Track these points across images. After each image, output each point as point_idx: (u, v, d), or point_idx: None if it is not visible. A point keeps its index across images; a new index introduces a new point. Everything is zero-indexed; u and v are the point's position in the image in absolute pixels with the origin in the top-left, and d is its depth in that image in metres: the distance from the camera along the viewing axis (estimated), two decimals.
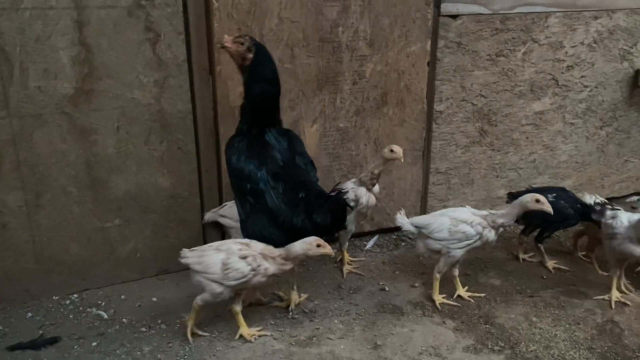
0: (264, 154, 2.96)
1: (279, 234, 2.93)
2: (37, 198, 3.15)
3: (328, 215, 2.91)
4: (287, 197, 2.92)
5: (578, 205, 3.57)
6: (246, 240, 2.92)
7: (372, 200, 3.44)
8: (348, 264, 3.68)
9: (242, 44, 2.93)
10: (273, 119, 3.08)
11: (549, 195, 3.36)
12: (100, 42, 3.06)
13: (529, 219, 3.70)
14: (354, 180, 3.46)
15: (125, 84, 3.16)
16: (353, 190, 3.37)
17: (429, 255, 3.33)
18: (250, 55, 2.95)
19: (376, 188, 3.49)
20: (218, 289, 2.82)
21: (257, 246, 2.87)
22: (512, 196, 3.71)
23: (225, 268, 2.79)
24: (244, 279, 2.80)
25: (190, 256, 2.88)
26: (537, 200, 3.11)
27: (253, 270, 2.79)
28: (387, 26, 3.62)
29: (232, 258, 2.80)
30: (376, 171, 3.38)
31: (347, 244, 3.68)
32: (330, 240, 3.16)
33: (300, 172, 3.04)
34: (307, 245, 2.77)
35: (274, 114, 3.09)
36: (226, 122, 3.40)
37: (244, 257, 2.80)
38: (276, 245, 2.94)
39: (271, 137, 3.04)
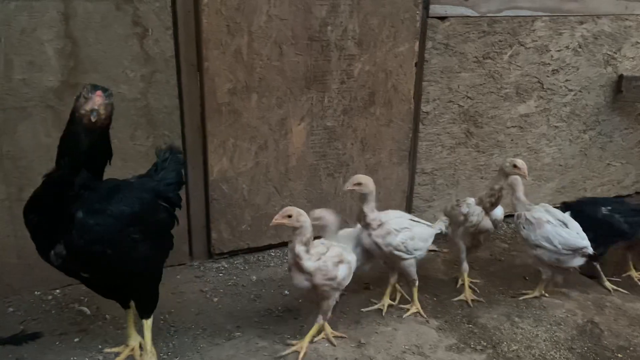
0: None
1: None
2: (20, 192, 3.10)
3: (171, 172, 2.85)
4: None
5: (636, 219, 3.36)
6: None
7: (487, 222, 3.22)
8: None
9: None
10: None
11: (603, 208, 3.30)
12: (87, 36, 3.03)
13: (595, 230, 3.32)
14: (474, 198, 3.28)
15: (112, 79, 3.13)
16: (468, 205, 3.21)
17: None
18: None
19: (499, 212, 3.26)
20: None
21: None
22: (566, 205, 3.58)
23: None
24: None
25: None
26: (515, 166, 3.06)
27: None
28: (376, 26, 3.63)
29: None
30: (496, 187, 3.14)
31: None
32: None
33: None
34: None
35: None
36: (213, 119, 3.39)
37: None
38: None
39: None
